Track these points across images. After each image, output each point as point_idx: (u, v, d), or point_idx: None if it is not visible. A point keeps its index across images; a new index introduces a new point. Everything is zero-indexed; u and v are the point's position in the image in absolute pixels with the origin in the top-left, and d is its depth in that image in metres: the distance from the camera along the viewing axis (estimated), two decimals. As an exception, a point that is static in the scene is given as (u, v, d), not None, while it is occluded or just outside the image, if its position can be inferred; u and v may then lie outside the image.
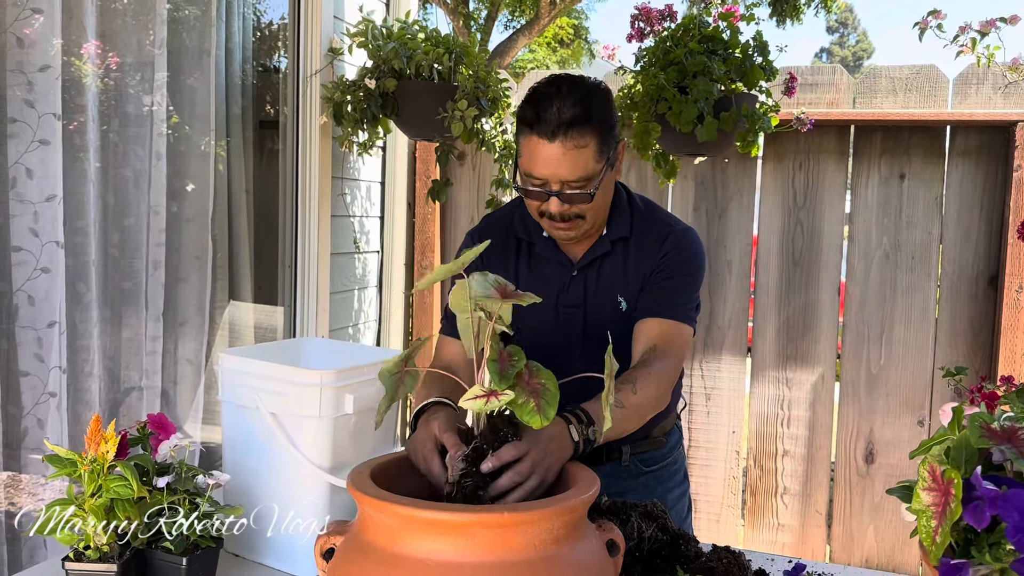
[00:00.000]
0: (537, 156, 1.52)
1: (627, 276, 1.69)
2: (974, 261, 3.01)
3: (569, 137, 1.49)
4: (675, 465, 1.88)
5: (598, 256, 1.69)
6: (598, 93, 1.54)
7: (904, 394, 3.10)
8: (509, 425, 1.20)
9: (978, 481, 0.87)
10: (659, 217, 1.74)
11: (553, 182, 1.54)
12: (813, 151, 3.13)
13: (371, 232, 3.38)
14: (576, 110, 1.49)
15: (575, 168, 1.52)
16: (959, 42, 2.42)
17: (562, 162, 1.51)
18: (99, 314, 2.25)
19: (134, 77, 2.40)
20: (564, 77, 1.56)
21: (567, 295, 1.70)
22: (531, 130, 1.52)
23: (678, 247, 1.69)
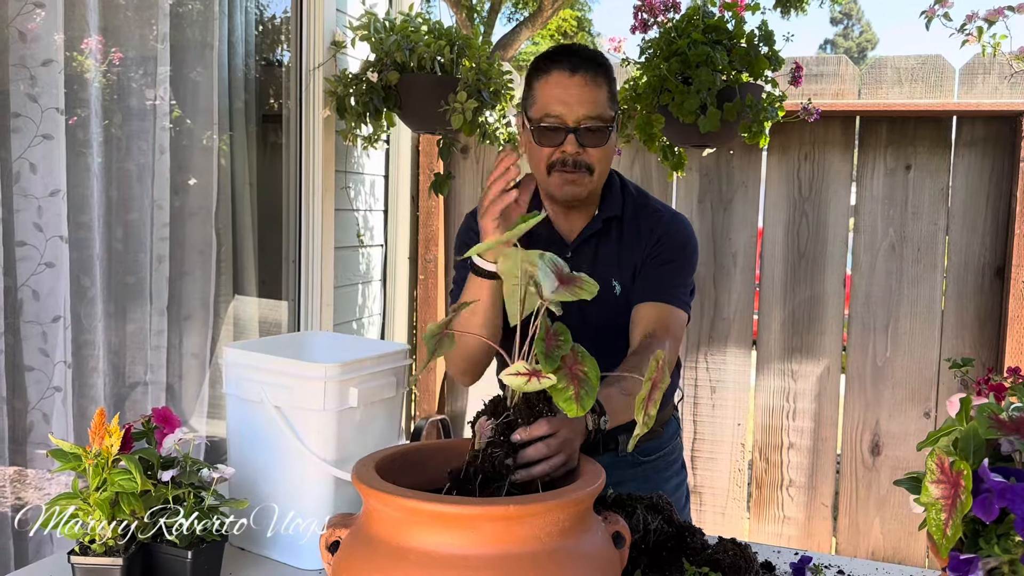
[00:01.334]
0: (556, 92, 1.58)
1: (620, 260, 1.71)
2: (980, 252, 3.00)
3: (589, 73, 1.58)
4: (672, 455, 1.89)
5: (592, 234, 1.71)
6: (604, 57, 1.64)
7: (910, 386, 3.09)
8: (545, 401, 1.18)
9: (986, 473, 0.86)
10: (650, 202, 1.77)
11: (570, 119, 1.58)
12: (818, 142, 3.11)
13: (375, 226, 3.37)
14: (591, 57, 1.60)
15: (595, 103, 1.58)
16: (966, 31, 2.40)
17: (583, 94, 1.57)
18: (103, 309, 2.25)
19: (137, 71, 2.39)
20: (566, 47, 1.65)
21: None
22: (551, 68, 1.59)
23: (670, 232, 1.72)
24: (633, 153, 3.25)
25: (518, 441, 1.14)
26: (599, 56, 1.63)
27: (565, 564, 1.03)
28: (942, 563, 0.91)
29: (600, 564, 1.08)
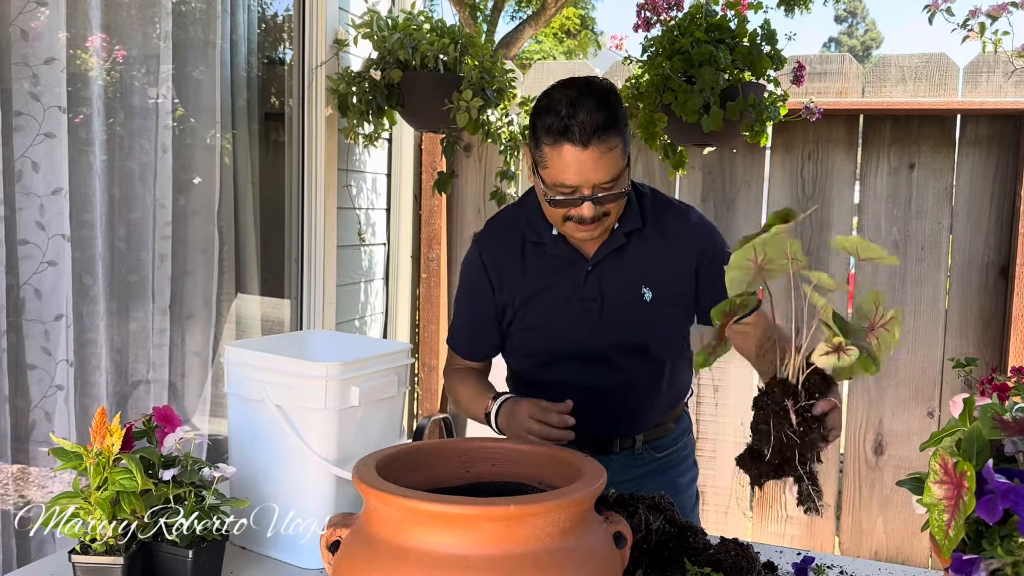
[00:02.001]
0: (569, 164, 1.52)
1: (651, 268, 1.69)
2: (984, 251, 2.99)
3: (601, 141, 1.49)
4: (684, 451, 1.89)
5: (613, 249, 1.69)
6: (612, 92, 1.55)
7: (914, 385, 3.08)
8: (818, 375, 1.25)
9: (989, 474, 0.86)
10: (668, 204, 1.75)
11: (585, 187, 1.54)
12: (822, 141, 3.10)
13: (377, 224, 3.37)
14: (602, 114, 1.49)
15: (609, 170, 1.52)
16: (968, 26, 2.38)
17: (597, 166, 1.51)
18: (106, 307, 2.25)
19: (139, 70, 2.39)
20: (577, 81, 1.55)
21: (583, 290, 1.70)
22: (561, 139, 1.50)
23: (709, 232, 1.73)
24: (635, 152, 3.24)
25: (821, 413, 1.20)
26: (606, 103, 1.51)
27: (566, 564, 1.03)
28: (944, 564, 0.91)
29: (601, 564, 1.08)
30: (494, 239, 1.78)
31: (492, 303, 1.77)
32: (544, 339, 1.77)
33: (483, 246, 1.79)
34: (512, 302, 1.76)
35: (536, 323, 1.76)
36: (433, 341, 3.51)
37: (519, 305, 1.76)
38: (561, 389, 1.73)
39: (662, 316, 1.70)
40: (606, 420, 1.68)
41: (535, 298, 1.74)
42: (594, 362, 1.72)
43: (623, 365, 1.72)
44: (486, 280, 1.77)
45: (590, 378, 1.72)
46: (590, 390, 1.71)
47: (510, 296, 1.75)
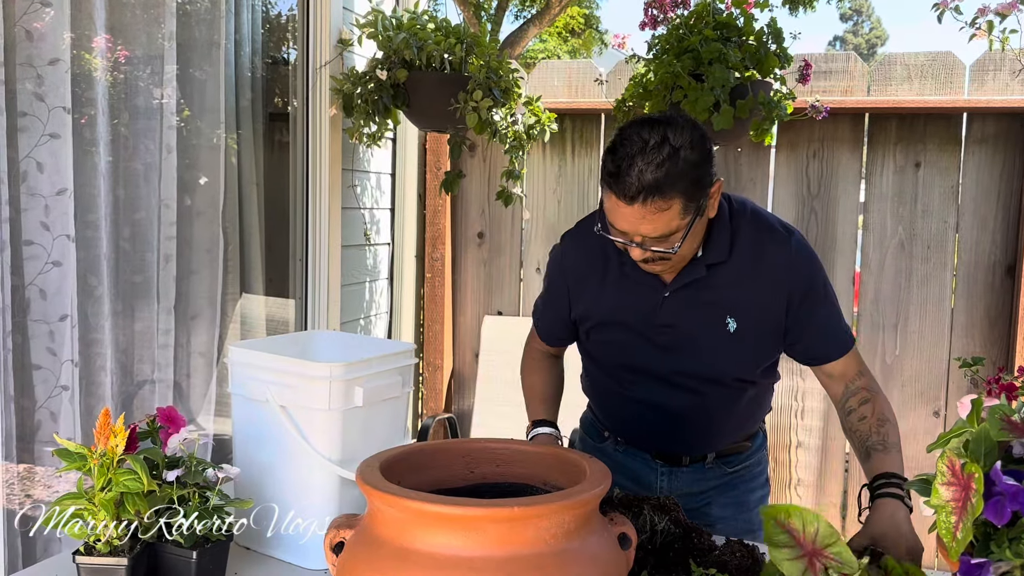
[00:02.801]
0: (616, 213, 1.46)
1: (737, 299, 1.60)
2: (991, 250, 2.97)
3: (650, 201, 1.41)
4: (758, 467, 1.83)
5: (694, 279, 1.60)
6: (690, 147, 1.43)
7: (919, 385, 3.07)
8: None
9: (998, 476, 0.85)
10: (765, 233, 1.61)
11: (633, 236, 1.47)
12: (827, 139, 3.09)
13: (382, 224, 3.37)
14: (659, 174, 1.39)
15: (656, 227, 1.44)
16: (976, 24, 2.37)
17: (642, 223, 1.44)
18: (111, 307, 2.25)
19: (144, 70, 2.39)
20: (656, 127, 1.44)
21: (658, 316, 1.63)
22: (610, 186, 1.44)
23: (804, 266, 1.60)
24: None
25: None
26: (672, 162, 1.40)
27: (570, 566, 1.03)
28: (952, 567, 0.90)
29: (606, 566, 1.07)
30: (578, 245, 1.71)
31: (567, 306, 1.75)
32: (615, 356, 1.74)
33: (567, 250, 1.74)
34: (586, 315, 1.72)
35: (608, 340, 1.73)
36: (438, 341, 3.51)
37: (593, 320, 1.72)
38: (630, 403, 1.75)
39: (746, 348, 1.62)
40: (676, 438, 1.64)
41: (610, 316, 1.69)
42: (666, 384, 1.68)
43: (698, 389, 1.66)
44: (564, 285, 1.74)
45: (661, 398, 1.68)
46: (660, 408, 1.69)
47: (584, 309, 1.72)
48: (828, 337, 1.61)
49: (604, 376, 1.79)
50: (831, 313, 1.62)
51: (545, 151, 3.39)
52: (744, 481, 1.79)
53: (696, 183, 1.44)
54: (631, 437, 1.81)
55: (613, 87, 3.18)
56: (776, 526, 1.05)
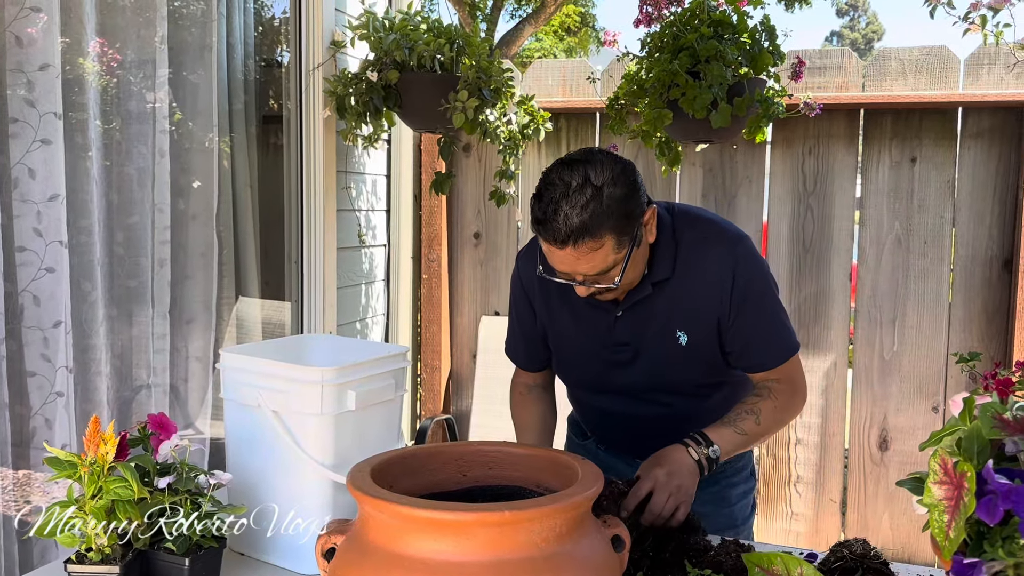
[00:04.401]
0: (552, 256, 1.47)
1: (685, 312, 1.61)
2: (988, 245, 2.97)
3: (581, 243, 1.41)
4: (741, 462, 1.83)
5: (641, 299, 1.61)
6: (612, 183, 1.43)
7: (918, 380, 3.06)
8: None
9: (990, 475, 0.85)
10: (706, 246, 1.61)
11: (573, 276, 1.49)
12: (823, 136, 3.08)
13: (377, 226, 3.36)
14: (584, 215, 1.40)
15: (594, 265, 1.46)
16: (969, 19, 2.36)
17: (578, 263, 1.45)
18: (105, 313, 2.24)
19: (136, 74, 2.39)
20: (576, 167, 1.44)
21: (613, 335, 1.65)
22: (540, 233, 1.45)
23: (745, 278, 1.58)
24: (636, 150, 3.22)
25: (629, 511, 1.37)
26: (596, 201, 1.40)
27: (562, 569, 1.02)
28: (946, 565, 0.90)
29: (598, 568, 1.07)
30: (529, 261, 1.72)
31: (536, 321, 1.77)
32: (576, 374, 1.78)
33: (521, 265, 1.77)
34: (547, 331, 1.75)
35: (567, 359, 1.76)
36: (435, 342, 3.50)
37: (552, 338, 1.75)
38: (600, 414, 1.79)
39: (700, 358, 1.63)
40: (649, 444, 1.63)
41: (566, 336, 1.72)
42: (630, 397, 1.69)
43: (662, 400, 1.68)
44: (527, 300, 1.76)
45: (628, 409, 1.70)
46: (630, 417, 1.71)
47: (545, 325, 1.75)
48: (761, 347, 1.61)
49: (573, 388, 1.83)
50: (769, 323, 1.60)
51: (541, 150, 3.38)
52: (726, 476, 1.80)
53: (626, 217, 1.44)
54: (607, 442, 1.84)
55: (609, 85, 3.17)
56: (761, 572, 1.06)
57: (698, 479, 1.49)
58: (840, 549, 1.34)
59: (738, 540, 1.36)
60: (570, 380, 1.82)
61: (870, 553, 1.33)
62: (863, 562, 1.29)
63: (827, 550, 1.36)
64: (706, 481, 1.74)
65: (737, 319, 1.58)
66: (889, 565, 1.32)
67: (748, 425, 1.56)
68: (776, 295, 1.63)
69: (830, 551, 1.35)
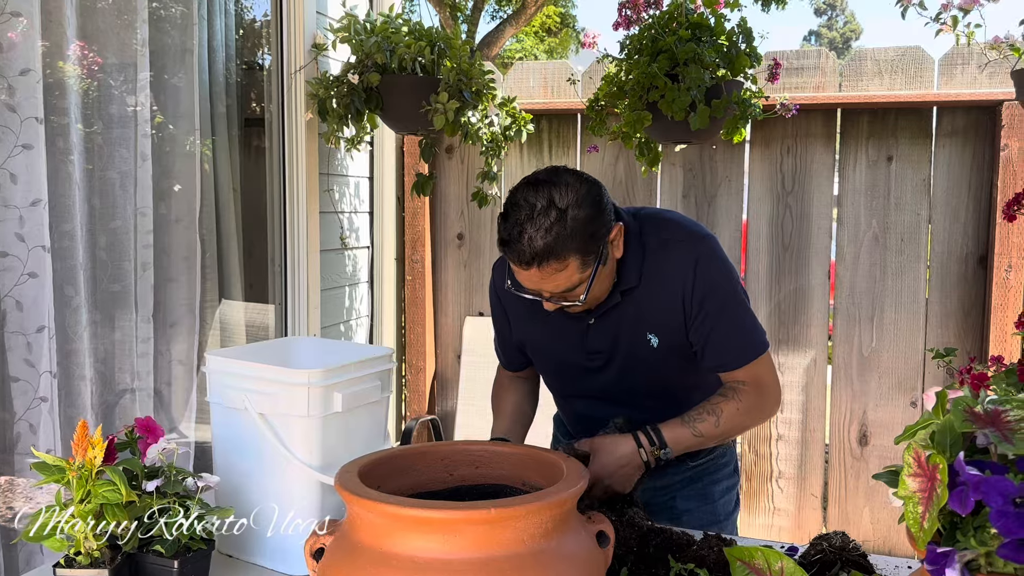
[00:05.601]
0: (518, 275, 1.49)
1: (654, 316, 1.62)
2: (963, 241, 3.01)
3: (545, 265, 1.43)
4: (724, 458, 1.85)
5: (611, 307, 1.64)
6: (577, 205, 1.44)
7: (896, 376, 3.11)
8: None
9: (961, 467, 0.87)
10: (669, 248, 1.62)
11: (541, 293, 1.52)
12: (800, 135, 3.12)
13: (361, 228, 3.37)
14: (548, 238, 1.41)
15: (558, 285, 1.48)
16: (941, 20, 2.40)
17: (543, 283, 1.48)
18: (89, 317, 2.24)
19: (117, 78, 2.38)
20: (541, 188, 1.45)
21: (587, 342, 1.67)
22: (505, 253, 1.47)
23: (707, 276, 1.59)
24: (617, 150, 3.25)
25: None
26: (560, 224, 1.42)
27: (549, 565, 1.04)
28: (921, 555, 0.92)
29: (584, 564, 1.09)
30: (502, 272, 1.74)
31: (510, 330, 1.80)
32: (557, 380, 1.81)
33: (496, 276, 1.79)
34: (522, 340, 1.78)
35: (544, 367, 1.80)
36: (419, 343, 3.51)
37: (529, 346, 1.78)
38: (583, 419, 1.81)
39: (672, 360, 1.65)
40: None
41: (541, 344, 1.75)
42: (607, 401, 1.72)
43: (639, 404, 1.69)
44: (502, 310, 1.80)
45: (605, 412, 1.71)
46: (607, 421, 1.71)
47: (520, 334, 1.78)
48: (722, 346, 1.61)
49: (553, 392, 1.87)
50: (730, 322, 1.61)
51: (523, 151, 3.40)
52: (709, 473, 1.82)
53: (590, 237, 1.46)
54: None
55: (589, 87, 3.20)
56: (743, 566, 1.08)
57: (641, 475, 1.54)
58: (820, 542, 1.37)
59: (720, 535, 1.38)
60: (550, 384, 1.86)
61: (848, 546, 1.35)
62: (842, 554, 1.32)
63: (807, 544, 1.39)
64: (689, 478, 1.77)
65: (698, 317, 1.59)
66: (868, 557, 1.35)
67: (706, 427, 1.57)
68: (740, 295, 1.64)
69: (810, 544, 1.37)
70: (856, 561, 1.32)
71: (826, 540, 1.37)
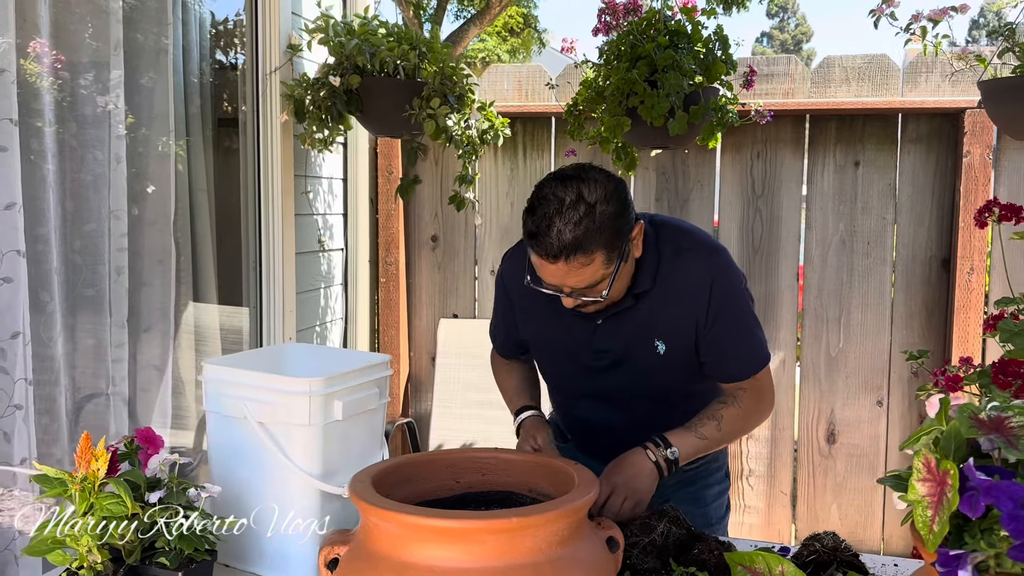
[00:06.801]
0: (542, 269, 1.51)
1: (663, 323, 1.65)
2: (927, 245, 3.10)
3: (572, 258, 1.45)
4: (716, 462, 1.88)
5: (623, 309, 1.65)
6: (605, 200, 1.47)
7: (863, 375, 3.19)
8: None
9: (971, 472, 0.91)
10: (684, 257, 1.65)
11: (563, 288, 1.53)
12: (770, 141, 3.18)
13: (335, 229, 3.35)
14: (578, 232, 1.43)
15: (582, 280, 1.50)
16: (911, 30, 2.47)
17: (568, 277, 1.49)
18: (63, 323, 2.20)
19: (91, 79, 2.34)
20: (569, 183, 1.48)
21: (593, 342, 1.69)
22: (532, 247, 1.48)
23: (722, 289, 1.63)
24: (592, 154, 3.28)
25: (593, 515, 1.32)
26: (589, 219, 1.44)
27: (565, 572, 1.06)
28: (929, 558, 0.96)
29: (597, 569, 1.11)
30: (516, 265, 1.75)
31: (515, 324, 1.82)
32: (556, 379, 1.83)
33: (505, 268, 1.80)
34: (528, 335, 1.80)
35: (548, 365, 1.82)
36: (393, 346, 3.50)
37: (533, 343, 1.79)
38: (577, 420, 1.84)
39: (676, 367, 1.67)
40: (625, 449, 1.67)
41: (548, 340, 1.76)
42: (606, 403, 1.74)
43: (637, 407, 1.73)
44: (508, 302, 1.81)
45: (609, 415, 1.75)
46: (604, 424, 1.76)
47: (526, 330, 1.79)
48: (734, 358, 1.66)
49: (552, 393, 1.90)
50: (743, 335, 1.66)
51: (497, 154, 3.41)
52: (702, 477, 1.85)
53: (616, 234, 1.49)
54: (586, 446, 1.88)
55: (564, 91, 3.22)
56: (743, 570, 1.11)
57: (657, 481, 1.56)
58: (812, 543, 1.40)
59: (717, 538, 1.41)
60: (551, 384, 1.87)
61: (841, 546, 1.39)
62: (836, 555, 1.36)
63: (798, 544, 1.43)
64: (683, 482, 1.80)
65: (712, 329, 1.62)
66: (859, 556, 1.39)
67: (709, 430, 1.62)
68: (751, 308, 1.69)
69: (801, 545, 1.41)
70: (850, 561, 1.36)
71: (818, 541, 1.41)
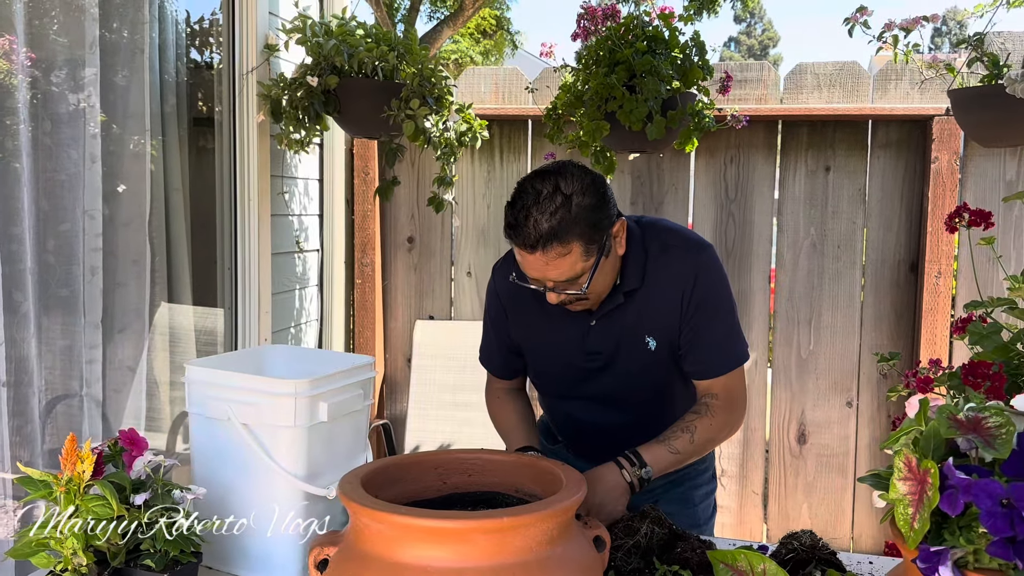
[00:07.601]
0: (523, 262, 1.54)
1: (653, 320, 1.68)
2: (896, 249, 3.17)
3: (549, 248, 1.49)
4: (703, 464, 1.90)
5: (614, 307, 1.68)
6: (582, 193, 1.51)
7: (833, 377, 3.24)
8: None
9: (951, 471, 0.94)
10: (671, 254, 1.69)
11: (544, 282, 1.56)
12: (744, 145, 3.23)
13: (310, 229, 3.34)
14: (553, 221, 1.47)
15: (561, 272, 1.53)
16: (883, 38, 2.53)
17: (547, 268, 1.52)
18: (36, 323, 2.17)
19: (66, 78, 2.31)
20: (547, 176, 1.52)
21: (587, 343, 1.72)
22: (511, 238, 1.52)
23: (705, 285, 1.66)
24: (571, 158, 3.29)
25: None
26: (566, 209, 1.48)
27: (554, 571, 1.07)
28: (909, 554, 0.99)
29: (586, 569, 1.12)
30: (507, 275, 1.77)
31: (508, 330, 1.82)
32: (553, 381, 1.84)
33: (498, 277, 1.82)
34: (522, 339, 1.81)
35: (542, 367, 1.83)
36: (368, 347, 3.50)
37: (527, 347, 1.81)
38: (570, 420, 1.85)
39: (666, 362, 1.70)
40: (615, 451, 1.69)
41: (541, 344, 1.78)
42: (600, 403, 1.77)
43: (632, 406, 1.75)
44: (501, 309, 1.82)
45: (600, 415, 1.77)
46: (597, 425, 1.78)
47: (520, 334, 1.81)
48: (707, 352, 1.69)
49: (544, 395, 1.91)
50: (719, 330, 1.69)
51: (474, 156, 3.42)
52: (690, 478, 1.88)
53: (593, 226, 1.52)
54: (576, 447, 1.90)
55: (541, 94, 3.24)
56: (726, 568, 1.13)
57: (629, 498, 1.58)
58: (790, 541, 1.43)
59: (699, 537, 1.44)
60: (543, 387, 1.89)
61: (819, 544, 1.42)
62: (815, 553, 1.39)
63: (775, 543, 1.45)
64: (671, 483, 1.83)
65: (693, 318, 1.66)
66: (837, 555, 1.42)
67: (682, 443, 1.64)
68: (731, 306, 1.72)
69: (780, 544, 1.44)
70: (828, 559, 1.39)
71: (796, 539, 1.44)
